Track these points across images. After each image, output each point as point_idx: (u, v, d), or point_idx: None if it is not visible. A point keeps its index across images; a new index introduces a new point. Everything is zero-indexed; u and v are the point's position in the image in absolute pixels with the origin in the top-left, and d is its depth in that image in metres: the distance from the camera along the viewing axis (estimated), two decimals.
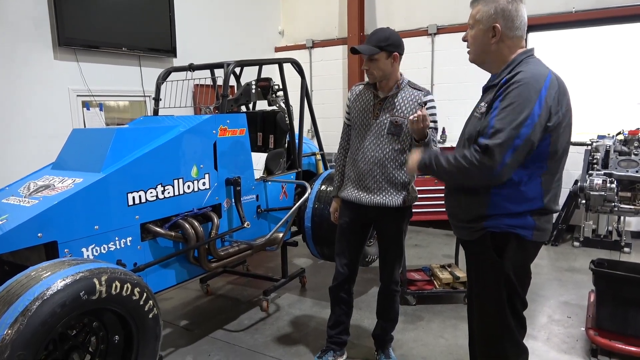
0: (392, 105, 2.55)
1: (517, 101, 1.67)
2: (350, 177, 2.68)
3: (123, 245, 2.59)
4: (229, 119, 3.19)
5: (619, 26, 5.45)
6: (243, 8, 6.97)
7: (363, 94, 2.66)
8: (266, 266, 4.77)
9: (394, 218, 2.66)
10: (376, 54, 2.45)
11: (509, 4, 1.81)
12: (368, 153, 2.57)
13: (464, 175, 1.79)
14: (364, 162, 2.59)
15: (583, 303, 3.65)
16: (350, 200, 2.68)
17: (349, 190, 2.69)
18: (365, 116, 2.61)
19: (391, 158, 2.55)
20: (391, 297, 2.83)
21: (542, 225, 1.83)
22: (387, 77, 2.53)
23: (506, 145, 1.66)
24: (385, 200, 2.58)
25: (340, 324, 2.88)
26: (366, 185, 2.60)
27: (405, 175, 2.59)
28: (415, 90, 2.58)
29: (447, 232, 5.75)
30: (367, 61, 2.50)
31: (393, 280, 2.78)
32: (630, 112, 5.47)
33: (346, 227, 2.75)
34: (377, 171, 2.56)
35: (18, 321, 1.72)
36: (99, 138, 2.75)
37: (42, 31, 4.51)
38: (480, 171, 1.72)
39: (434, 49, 6.47)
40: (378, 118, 2.56)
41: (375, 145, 2.56)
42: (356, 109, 2.66)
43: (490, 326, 1.94)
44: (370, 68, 2.50)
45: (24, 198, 2.43)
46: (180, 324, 3.55)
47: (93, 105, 5.03)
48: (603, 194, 3.85)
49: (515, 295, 1.88)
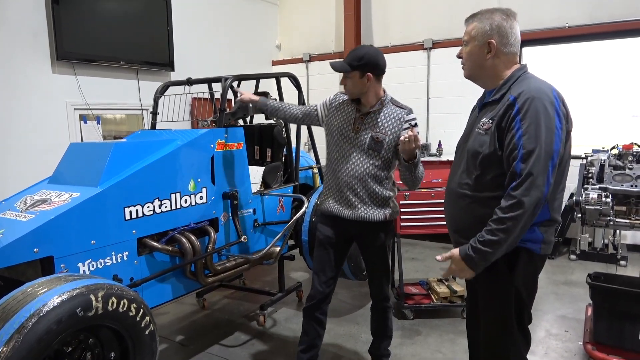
0: (374, 121, 2.53)
1: (540, 119, 1.68)
2: (331, 187, 2.64)
3: (119, 260, 2.57)
4: (226, 133, 3.20)
5: (612, 41, 5.53)
6: (240, 22, 7.03)
7: (345, 105, 2.63)
8: (263, 280, 4.75)
9: (376, 233, 2.62)
10: (349, 72, 2.47)
11: (504, 21, 1.84)
12: (348, 167, 2.54)
13: (524, 222, 1.69)
14: (345, 175, 2.55)
15: (580, 317, 3.65)
16: (331, 213, 2.63)
17: (330, 203, 2.64)
18: (345, 128, 2.57)
19: (371, 174, 2.52)
20: (383, 313, 2.79)
21: (549, 238, 1.85)
22: (364, 94, 2.51)
23: (547, 164, 1.67)
24: (367, 214, 2.54)
25: (314, 347, 2.74)
26: (347, 199, 2.56)
27: (387, 190, 2.57)
28: (398, 107, 2.56)
29: (444, 245, 5.75)
30: (343, 77, 2.53)
31: (383, 296, 2.75)
32: (624, 126, 5.53)
33: (327, 242, 2.67)
34: (357, 185, 2.53)
35: (13, 338, 1.70)
36: (97, 152, 2.75)
37: (40, 45, 4.54)
38: (534, 206, 1.67)
39: (430, 63, 6.53)
40: (359, 132, 2.53)
41: (356, 159, 2.53)
42: (337, 118, 2.63)
43: (497, 341, 1.94)
44: (346, 84, 2.53)
45: (21, 212, 2.42)
46: (176, 339, 3.52)
47: (90, 119, 5.03)
48: (599, 208, 3.87)
49: (524, 308, 1.89)
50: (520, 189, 1.67)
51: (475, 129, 1.91)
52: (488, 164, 1.82)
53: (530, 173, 1.66)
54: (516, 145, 1.70)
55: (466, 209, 1.92)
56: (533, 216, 1.71)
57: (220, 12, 6.63)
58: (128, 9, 5.20)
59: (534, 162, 1.66)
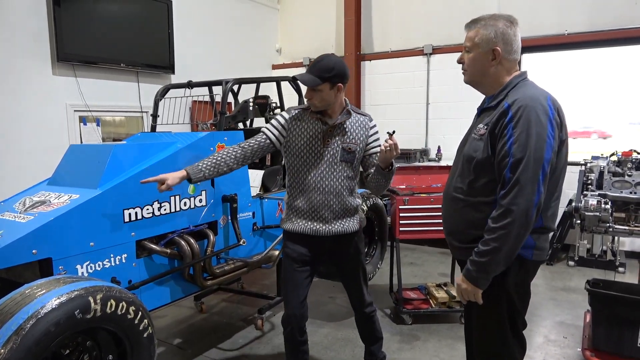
0: (342, 131, 2.44)
1: (531, 127, 1.68)
2: (300, 209, 2.47)
3: (118, 262, 2.57)
4: (226, 136, 3.20)
5: (611, 48, 5.55)
6: (241, 26, 7.04)
7: (306, 120, 2.45)
8: (261, 284, 4.74)
9: (351, 242, 2.57)
10: (319, 85, 2.32)
11: (508, 28, 1.84)
12: (322, 182, 2.42)
13: (516, 230, 1.68)
14: (318, 193, 2.42)
15: (579, 323, 3.65)
16: (303, 233, 2.47)
17: (300, 223, 2.48)
18: (314, 144, 2.42)
19: (345, 186, 2.45)
20: (369, 319, 2.73)
21: (541, 245, 1.85)
22: (331, 106, 2.41)
23: (538, 173, 1.67)
24: (343, 227, 2.48)
25: None
26: (321, 216, 2.44)
27: (356, 199, 2.54)
28: (360, 115, 2.53)
29: (442, 251, 5.75)
30: (310, 91, 2.36)
31: (365, 303, 2.67)
32: (623, 133, 5.55)
33: (301, 259, 2.51)
34: (334, 200, 2.43)
35: (11, 340, 1.70)
36: (97, 154, 2.74)
37: (41, 46, 4.54)
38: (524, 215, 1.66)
39: (430, 69, 6.54)
40: (329, 146, 2.42)
41: (329, 174, 2.42)
42: (300, 135, 2.44)
43: (490, 347, 1.94)
44: (313, 98, 2.37)
45: (19, 214, 2.41)
46: (173, 342, 3.50)
47: (90, 121, 5.03)
48: (598, 214, 3.87)
49: (517, 314, 1.89)
50: (508, 198, 1.68)
51: (472, 134, 1.92)
52: (481, 169, 1.83)
53: (517, 181, 1.67)
54: (507, 153, 1.71)
55: (460, 213, 1.93)
56: (527, 224, 1.70)
57: (221, 16, 6.65)
58: (129, 11, 5.21)
59: (522, 171, 1.66)
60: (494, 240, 1.71)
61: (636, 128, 5.58)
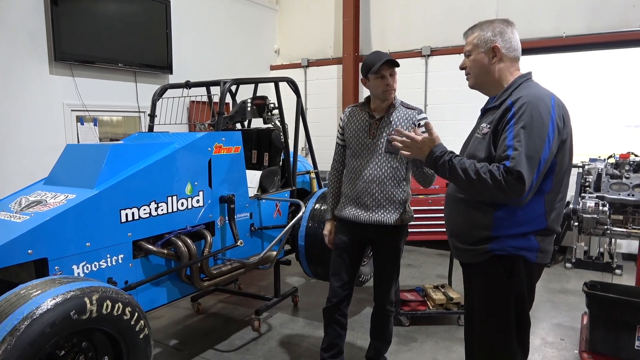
0: (388, 124, 2.58)
1: (533, 124, 1.69)
2: (348, 196, 2.67)
3: (114, 263, 2.55)
4: (224, 137, 3.19)
5: (609, 51, 5.56)
6: (239, 26, 7.03)
7: (357, 114, 2.68)
8: (258, 285, 4.72)
9: (392, 236, 2.66)
10: (397, 67, 2.54)
11: (506, 27, 1.89)
12: (366, 172, 2.58)
13: (484, 190, 1.74)
14: (362, 181, 2.59)
15: (576, 325, 3.64)
16: (348, 219, 2.67)
17: (346, 209, 2.67)
18: (361, 136, 2.63)
19: (390, 176, 2.57)
20: (386, 318, 2.81)
21: (546, 247, 1.85)
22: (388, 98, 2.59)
23: (533, 171, 1.68)
24: (383, 217, 2.58)
25: (335, 346, 2.82)
26: (364, 203, 2.60)
27: (404, 193, 2.61)
28: (409, 109, 2.64)
29: (440, 252, 5.75)
30: (389, 76, 2.52)
31: (388, 300, 2.77)
32: (620, 135, 5.56)
33: (343, 246, 2.72)
34: (376, 189, 2.57)
35: (6, 341, 1.68)
36: (93, 154, 2.72)
37: (38, 46, 4.52)
38: (505, 193, 1.69)
39: (428, 70, 6.55)
40: (375, 137, 2.59)
41: (374, 163, 2.58)
42: (351, 129, 2.68)
43: (494, 350, 1.93)
44: (392, 83, 2.54)
45: (15, 213, 2.39)
46: (170, 343, 3.49)
47: (87, 120, 5.01)
48: (595, 216, 3.88)
49: (523, 315, 1.89)
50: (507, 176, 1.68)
51: (475, 134, 1.93)
52: None
53: (519, 173, 1.66)
54: (507, 147, 1.72)
55: (463, 213, 1.93)
56: (492, 197, 1.75)
57: (220, 16, 6.65)
58: (127, 11, 5.19)
59: (523, 165, 1.67)
60: (477, 178, 1.72)
61: (633, 131, 5.59)
